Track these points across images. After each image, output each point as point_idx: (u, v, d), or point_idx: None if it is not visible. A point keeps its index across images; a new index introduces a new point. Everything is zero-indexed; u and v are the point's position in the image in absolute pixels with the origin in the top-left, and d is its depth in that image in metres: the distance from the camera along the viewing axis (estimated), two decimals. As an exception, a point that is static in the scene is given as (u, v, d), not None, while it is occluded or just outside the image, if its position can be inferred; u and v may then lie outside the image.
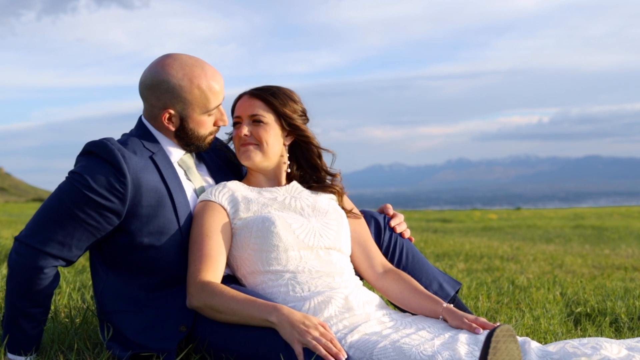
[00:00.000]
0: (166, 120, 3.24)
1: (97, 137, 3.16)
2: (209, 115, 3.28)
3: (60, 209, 3.06)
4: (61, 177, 3.12)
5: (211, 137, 3.35)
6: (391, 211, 3.75)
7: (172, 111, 3.22)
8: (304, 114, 3.44)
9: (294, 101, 3.39)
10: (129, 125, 3.37)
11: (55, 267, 3.12)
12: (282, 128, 3.37)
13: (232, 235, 3.24)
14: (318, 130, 3.47)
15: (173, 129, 3.26)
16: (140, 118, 3.36)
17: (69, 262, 3.15)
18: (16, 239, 3.11)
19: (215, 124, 3.33)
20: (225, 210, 3.24)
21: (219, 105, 3.31)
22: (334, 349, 2.78)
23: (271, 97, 3.35)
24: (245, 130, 3.32)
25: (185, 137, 3.28)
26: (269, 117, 3.34)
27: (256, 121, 3.33)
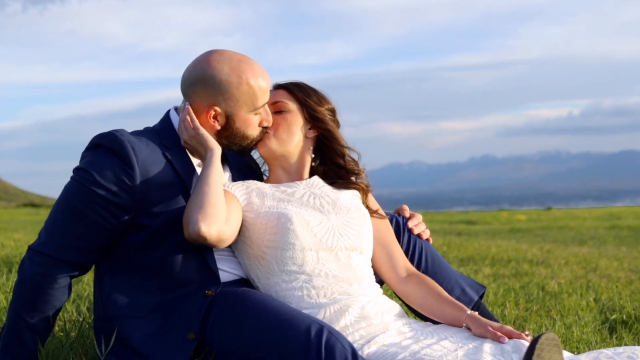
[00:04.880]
0: (211, 119, 3.25)
1: (93, 136, 3.17)
2: (256, 114, 3.30)
3: (68, 211, 3.08)
4: (54, 180, 3.15)
5: (255, 140, 3.36)
6: (408, 212, 3.75)
7: (218, 109, 3.23)
8: (332, 113, 3.49)
9: (322, 97, 3.47)
10: (126, 123, 3.38)
11: (69, 277, 3.14)
12: (305, 119, 3.42)
13: (241, 218, 3.24)
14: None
15: (218, 127, 3.27)
16: (168, 112, 3.38)
17: (84, 270, 3.18)
18: (30, 247, 3.14)
19: (260, 124, 3.35)
20: (237, 200, 3.26)
21: (265, 104, 3.34)
22: None
23: (295, 87, 3.44)
24: None
25: (230, 137, 3.29)
26: (291, 105, 3.40)
27: (278, 111, 3.39)
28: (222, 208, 3.04)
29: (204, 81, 3.22)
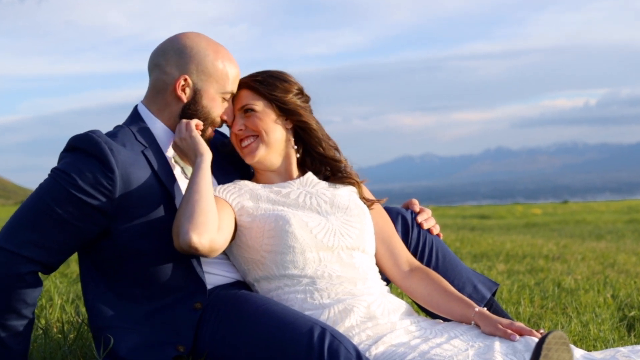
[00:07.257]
0: (179, 89, 3.25)
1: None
2: (223, 99, 3.31)
3: (40, 209, 3.06)
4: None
5: (212, 129, 3.34)
6: (417, 207, 3.74)
7: (188, 78, 3.25)
8: (300, 92, 3.43)
9: (285, 81, 3.40)
10: (129, 117, 3.37)
11: (35, 273, 3.10)
12: (277, 113, 3.36)
13: (234, 227, 3.23)
14: (338, 118, 3.47)
15: (185, 100, 3.27)
16: (135, 107, 3.36)
17: (50, 269, 3.14)
18: None
19: (221, 115, 3.34)
20: (229, 205, 3.25)
21: (232, 93, 3.34)
22: None
23: (256, 83, 3.37)
24: (238, 124, 3.34)
25: (194, 115, 3.28)
26: (259, 104, 3.35)
27: (248, 110, 3.34)
28: (214, 216, 3.03)
29: (178, 50, 3.27)
